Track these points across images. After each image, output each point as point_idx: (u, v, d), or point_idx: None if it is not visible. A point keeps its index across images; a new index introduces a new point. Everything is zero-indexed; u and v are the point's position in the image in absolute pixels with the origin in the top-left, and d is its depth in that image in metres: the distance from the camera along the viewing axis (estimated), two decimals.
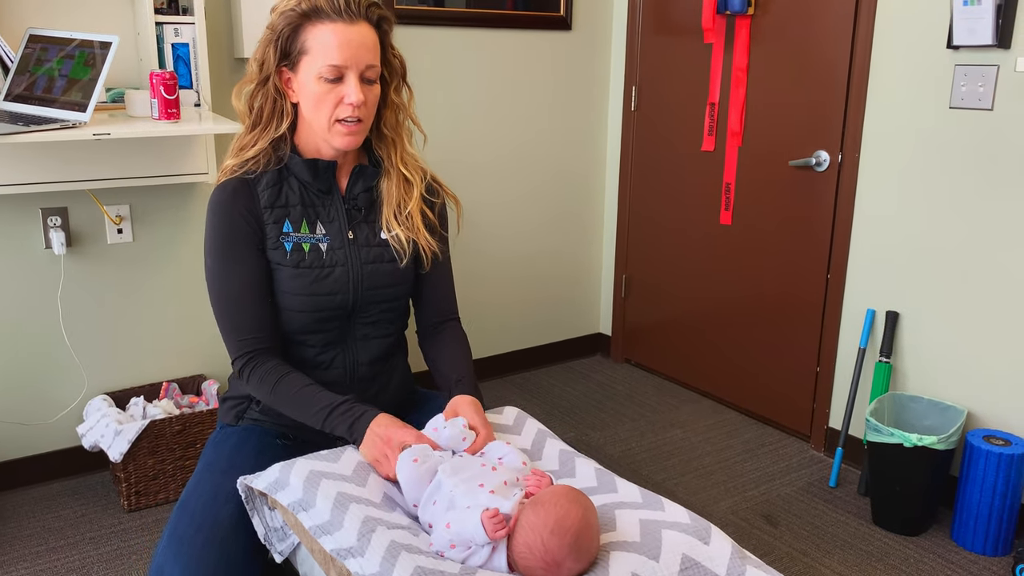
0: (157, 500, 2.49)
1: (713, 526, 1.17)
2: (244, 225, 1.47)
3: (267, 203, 1.48)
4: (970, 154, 2.35)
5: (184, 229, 2.66)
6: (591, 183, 3.58)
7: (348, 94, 1.42)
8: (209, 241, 1.49)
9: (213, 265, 1.49)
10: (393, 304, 1.57)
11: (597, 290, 3.72)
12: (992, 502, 2.25)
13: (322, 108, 1.43)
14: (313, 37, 1.41)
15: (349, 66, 1.41)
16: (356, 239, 1.53)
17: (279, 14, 1.44)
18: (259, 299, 1.48)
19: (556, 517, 1.08)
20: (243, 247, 1.47)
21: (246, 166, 1.50)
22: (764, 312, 3.03)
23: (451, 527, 1.14)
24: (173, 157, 2.43)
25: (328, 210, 1.52)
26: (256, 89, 1.48)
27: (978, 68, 2.29)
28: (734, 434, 3.03)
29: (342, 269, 1.51)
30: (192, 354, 2.77)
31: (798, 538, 2.38)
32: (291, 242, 1.49)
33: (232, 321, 1.48)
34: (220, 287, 1.49)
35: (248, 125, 1.51)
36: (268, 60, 1.45)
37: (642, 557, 1.09)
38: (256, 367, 1.46)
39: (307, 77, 1.43)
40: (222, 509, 1.36)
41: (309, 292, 1.48)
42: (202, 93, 2.43)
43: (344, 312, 1.52)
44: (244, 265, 1.47)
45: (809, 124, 2.77)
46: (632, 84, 3.39)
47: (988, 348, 2.38)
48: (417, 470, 1.24)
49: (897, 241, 2.56)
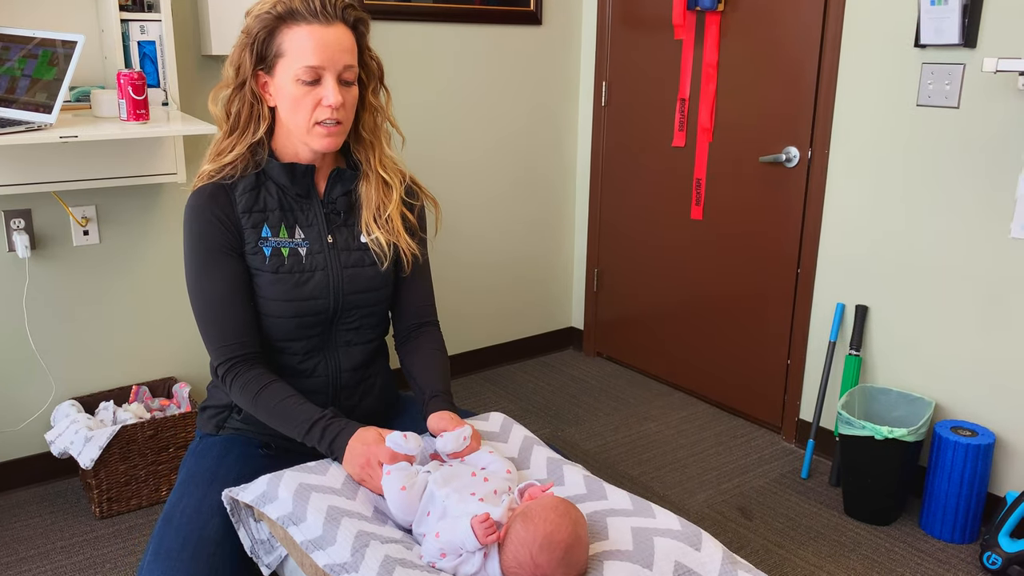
0: (130, 507, 2.45)
1: (704, 532, 1.19)
2: (222, 230, 1.45)
3: (245, 208, 1.46)
4: (937, 151, 2.40)
5: (152, 230, 2.61)
6: (562, 179, 3.58)
7: (326, 96, 1.40)
8: (188, 247, 1.47)
9: (192, 271, 1.47)
10: (374, 309, 1.56)
11: (569, 285, 3.73)
12: (959, 491, 2.31)
13: (300, 111, 1.42)
14: (289, 40, 1.40)
15: (326, 68, 1.40)
16: (336, 243, 1.51)
17: (254, 17, 1.41)
18: (240, 304, 1.46)
19: (545, 532, 1.08)
20: (222, 253, 1.45)
21: (224, 171, 1.47)
22: (735, 306, 3.06)
23: (440, 536, 1.14)
24: (141, 157, 2.38)
25: (307, 214, 1.50)
26: (233, 94, 1.46)
27: (945, 67, 2.33)
28: (707, 427, 3.07)
29: (322, 274, 1.49)
30: (162, 356, 2.72)
31: (772, 530, 2.42)
32: (270, 247, 1.47)
33: (213, 327, 1.45)
34: (200, 293, 1.46)
35: (225, 130, 1.49)
36: (244, 64, 1.43)
37: (635, 566, 1.10)
38: (239, 375, 1.44)
39: (284, 80, 1.41)
40: (208, 523, 1.34)
41: (289, 297, 1.47)
42: (170, 92, 2.38)
43: (325, 317, 1.50)
44: (224, 270, 1.45)
45: (779, 120, 2.80)
46: (602, 80, 3.40)
47: (954, 341, 2.43)
48: (406, 497, 1.23)
49: (866, 236, 2.61)
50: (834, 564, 2.26)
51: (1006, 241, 2.29)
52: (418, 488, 1.24)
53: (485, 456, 1.34)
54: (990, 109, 2.27)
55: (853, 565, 2.25)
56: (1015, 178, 2.24)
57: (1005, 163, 2.25)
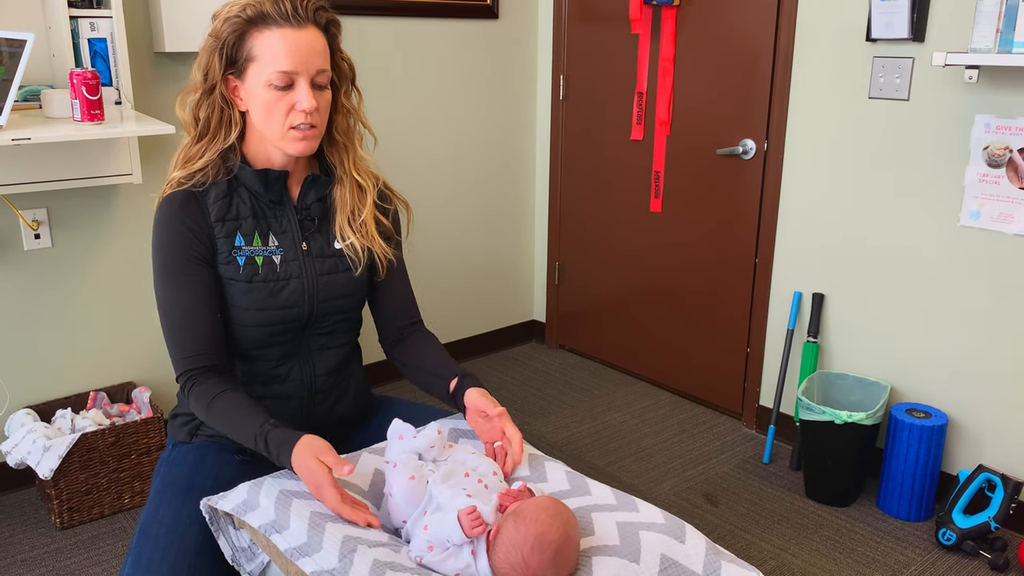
0: (92, 516, 2.40)
1: (687, 524, 1.21)
2: (192, 240, 1.42)
3: (217, 216, 1.43)
4: (888, 142, 2.46)
5: (107, 232, 2.55)
6: (521, 173, 3.59)
7: (300, 100, 1.38)
8: (156, 256, 1.43)
9: (160, 281, 1.43)
10: (348, 314, 1.55)
11: (530, 278, 3.75)
12: (915, 471, 2.39)
13: (273, 116, 1.39)
14: (260, 44, 1.37)
15: (299, 72, 1.37)
16: (310, 250, 1.49)
17: (223, 21, 1.38)
18: (206, 316, 1.43)
19: (536, 533, 1.09)
20: (190, 262, 1.42)
21: (194, 178, 1.44)
22: (695, 296, 3.11)
23: (428, 528, 1.15)
24: (94, 158, 2.32)
25: (280, 221, 1.48)
26: (201, 98, 1.42)
27: (895, 60, 2.40)
28: (669, 415, 3.12)
29: (297, 282, 1.47)
30: (119, 361, 2.66)
31: (738, 515, 2.47)
32: (244, 256, 1.44)
33: (177, 338, 1.42)
34: (167, 304, 1.43)
35: (194, 136, 1.45)
36: (213, 69, 1.39)
37: (623, 560, 1.12)
38: (195, 385, 1.41)
39: (255, 85, 1.39)
40: (187, 532, 1.32)
41: (263, 307, 1.45)
42: (123, 90, 2.32)
43: (299, 324, 1.49)
44: (192, 281, 1.42)
45: (735, 113, 2.84)
46: (560, 73, 3.41)
47: (908, 327, 2.51)
48: (414, 487, 1.23)
49: (821, 226, 2.67)
50: (798, 546, 2.32)
51: (955, 229, 2.37)
52: (424, 480, 1.25)
53: (472, 458, 1.35)
54: (939, 101, 2.34)
55: (816, 546, 2.32)
56: (963, 168, 2.32)
57: (953, 153, 2.33)
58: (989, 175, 2.28)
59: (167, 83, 2.56)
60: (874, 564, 2.24)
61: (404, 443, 1.32)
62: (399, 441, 1.32)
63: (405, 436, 1.33)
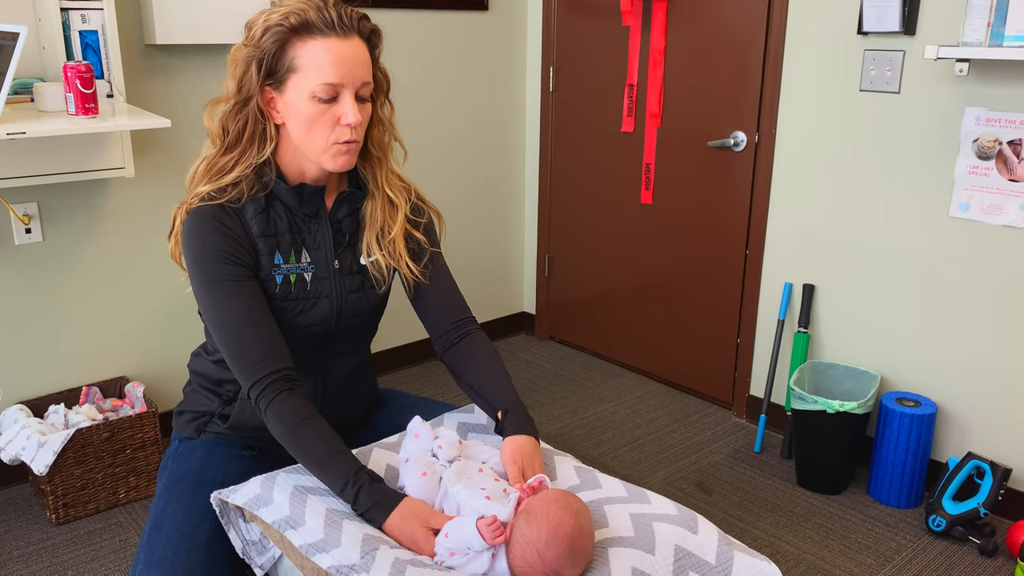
0: (87, 511, 2.39)
1: (699, 515, 1.23)
2: (236, 246, 1.35)
3: (259, 233, 1.37)
4: (879, 135, 2.49)
5: (99, 226, 2.53)
6: (511, 164, 3.59)
7: (346, 114, 1.32)
8: (197, 268, 1.35)
9: (206, 293, 1.34)
10: (369, 327, 1.54)
11: (520, 270, 3.76)
12: (905, 459, 2.43)
13: (316, 130, 1.33)
14: (304, 54, 1.30)
15: (345, 84, 1.31)
16: (341, 267, 1.45)
17: (263, 29, 1.30)
18: (264, 319, 1.35)
19: (549, 528, 1.10)
20: (237, 267, 1.35)
21: (227, 193, 1.37)
22: (685, 287, 3.14)
23: (449, 536, 1.16)
24: (86, 152, 2.29)
25: (314, 236, 1.43)
26: (233, 110, 1.35)
27: (886, 53, 2.43)
28: (661, 406, 3.14)
29: (327, 300, 1.43)
30: (112, 355, 2.65)
31: (731, 504, 2.50)
32: (281, 275, 1.39)
33: (239, 349, 1.33)
34: (219, 316, 1.34)
35: (220, 147, 1.39)
36: (250, 79, 1.32)
37: (639, 551, 1.14)
38: (273, 400, 1.31)
39: (297, 97, 1.32)
40: (198, 527, 1.32)
41: (290, 325, 1.40)
42: (115, 83, 2.30)
43: (321, 339, 1.47)
44: (241, 286, 1.34)
45: (726, 106, 2.86)
46: (550, 65, 3.41)
47: (897, 317, 2.55)
48: (427, 483, 1.24)
49: (812, 218, 2.70)
50: (792, 534, 2.36)
51: (945, 220, 2.40)
52: (436, 476, 1.25)
53: (484, 451, 1.36)
54: (929, 94, 2.37)
55: (809, 534, 2.36)
56: (953, 160, 2.35)
57: (943, 145, 2.36)
58: (979, 167, 2.31)
59: (158, 75, 2.54)
60: (866, 550, 2.28)
61: (420, 442, 1.33)
62: (415, 440, 1.33)
63: (422, 436, 1.33)
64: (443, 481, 1.25)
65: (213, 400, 1.50)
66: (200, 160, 1.42)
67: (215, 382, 1.50)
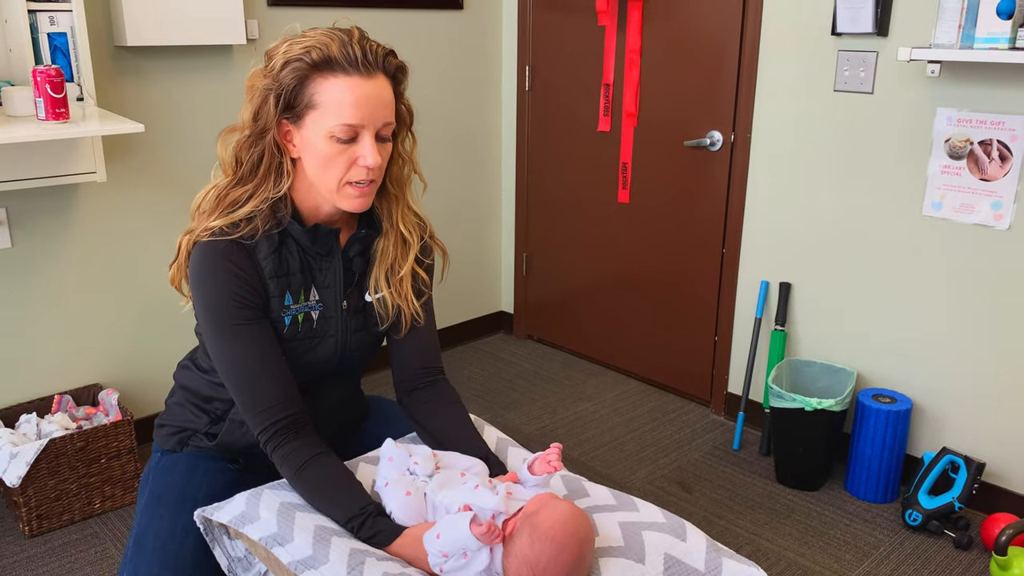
0: (62, 522, 2.35)
1: (687, 522, 1.24)
2: (246, 288, 1.30)
3: (271, 273, 1.32)
4: (852, 134, 2.52)
5: (70, 232, 2.48)
6: (487, 164, 3.58)
7: (364, 156, 1.27)
8: (206, 310, 1.30)
9: (215, 336, 1.30)
10: (366, 360, 1.52)
11: (498, 269, 3.75)
12: (881, 455, 2.47)
13: (331, 170, 1.28)
14: (324, 91, 1.24)
15: (366, 125, 1.26)
16: (348, 307, 1.41)
17: (283, 63, 1.25)
18: (274, 365, 1.31)
19: (551, 554, 1.08)
20: (247, 310, 1.30)
21: (240, 229, 1.30)
22: (663, 286, 3.15)
23: (441, 536, 1.14)
24: (56, 157, 2.25)
25: (325, 274, 1.39)
26: (248, 140, 1.30)
27: (859, 54, 2.45)
28: (640, 404, 3.16)
29: (331, 339, 1.40)
30: (84, 363, 2.60)
31: (711, 502, 2.52)
32: (290, 316, 1.36)
33: (249, 396, 1.30)
34: (229, 361, 1.30)
35: (232, 178, 1.33)
36: (267, 113, 1.27)
37: (629, 561, 1.14)
38: (280, 445, 1.29)
39: (314, 134, 1.26)
40: (183, 544, 1.30)
41: (294, 364, 1.37)
42: (85, 86, 2.26)
43: (320, 373, 1.45)
44: (252, 330, 1.30)
45: (702, 105, 2.88)
46: (525, 64, 3.40)
47: (873, 314, 2.58)
48: (412, 502, 1.23)
49: (788, 216, 2.72)
50: (772, 531, 2.38)
51: (918, 219, 2.43)
52: (420, 493, 1.24)
53: (463, 459, 1.35)
54: (902, 94, 2.40)
55: (789, 530, 2.38)
56: (926, 159, 2.38)
57: (916, 145, 2.39)
58: (951, 167, 2.34)
59: (130, 78, 2.49)
60: (845, 546, 2.31)
61: (395, 464, 1.31)
62: (389, 463, 1.31)
63: (396, 458, 1.32)
64: (427, 495, 1.24)
65: (200, 417, 1.47)
66: (210, 188, 1.36)
67: (204, 399, 1.47)
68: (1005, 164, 2.25)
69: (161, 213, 2.62)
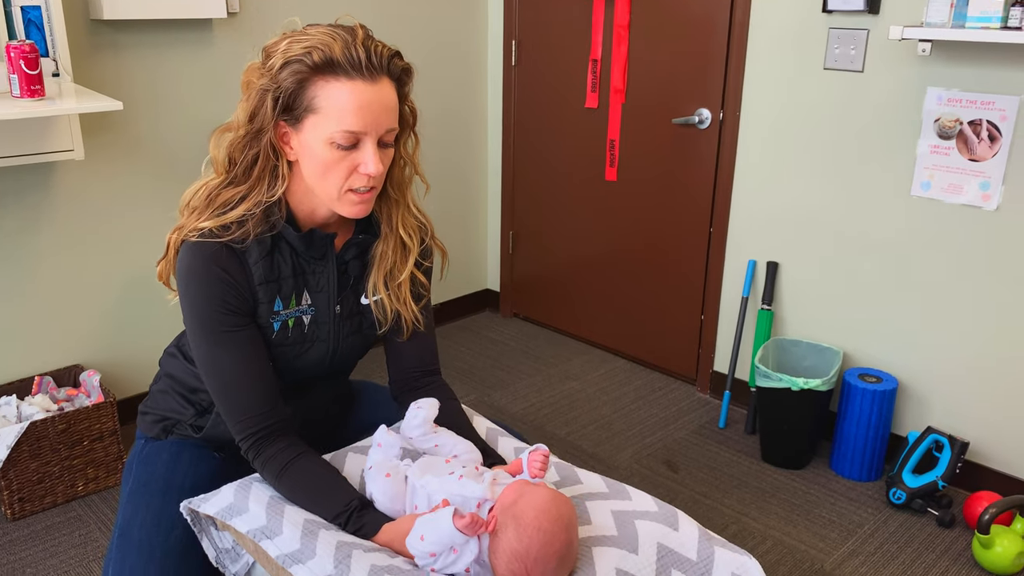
0: (44, 505, 2.32)
1: (679, 511, 1.23)
2: (234, 294, 1.26)
3: (260, 279, 1.28)
4: (841, 113, 2.50)
5: (48, 211, 2.43)
6: (473, 141, 3.54)
7: (365, 163, 1.22)
8: (192, 314, 1.26)
9: (201, 341, 1.27)
10: (356, 361, 1.49)
11: (483, 246, 3.73)
12: (866, 434, 2.48)
13: (331, 176, 1.23)
14: (325, 95, 1.19)
15: (368, 132, 1.21)
16: (341, 312, 1.38)
17: (282, 63, 1.19)
18: (259, 372, 1.28)
19: (540, 543, 1.07)
20: (235, 317, 1.26)
21: (231, 231, 1.25)
22: (650, 264, 3.14)
23: (426, 538, 1.13)
24: (32, 135, 2.19)
25: (318, 278, 1.35)
26: (243, 141, 1.24)
27: (850, 32, 2.43)
28: (626, 382, 3.16)
29: (323, 344, 1.37)
30: (64, 343, 2.56)
31: (698, 481, 2.53)
32: (279, 321, 1.32)
33: (231, 403, 1.27)
34: (213, 366, 1.27)
35: (224, 178, 1.28)
36: (264, 114, 1.21)
37: (622, 551, 1.13)
38: (260, 452, 1.27)
39: (313, 139, 1.21)
40: (169, 535, 1.28)
41: (283, 368, 1.35)
42: (60, 62, 2.20)
43: (309, 377, 1.42)
44: (238, 337, 1.27)
45: (691, 83, 2.84)
46: (512, 39, 3.35)
47: (860, 294, 2.58)
48: (391, 484, 1.21)
49: (776, 195, 2.71)
50: (758, 510, 2.39)
51: (907, 199, 2.43)
52: (401, 476, 1.23)
53: (460, 443, 1.33)
54: (892, 73, 2.38)
55: (774, 509, 2.40)
56: (915, 139, 2.37)
57: (906, 125, 2.38)
58: (940, 146, 2.33)
59: (107, 53, 2.43)
60: (830, 525, 2.33)
61: (383, 450, 1.30)
62: (379, 449, 1.30)
63: (385, 444, 1.30)
64: (409, 478, 1.22)
65: (186, 408, 1.44)
66: (200, 185, 1.31)
67: (189, 389, 1.44)
68: (994, 144, 2.24)
69: (141, 191, 2.57)
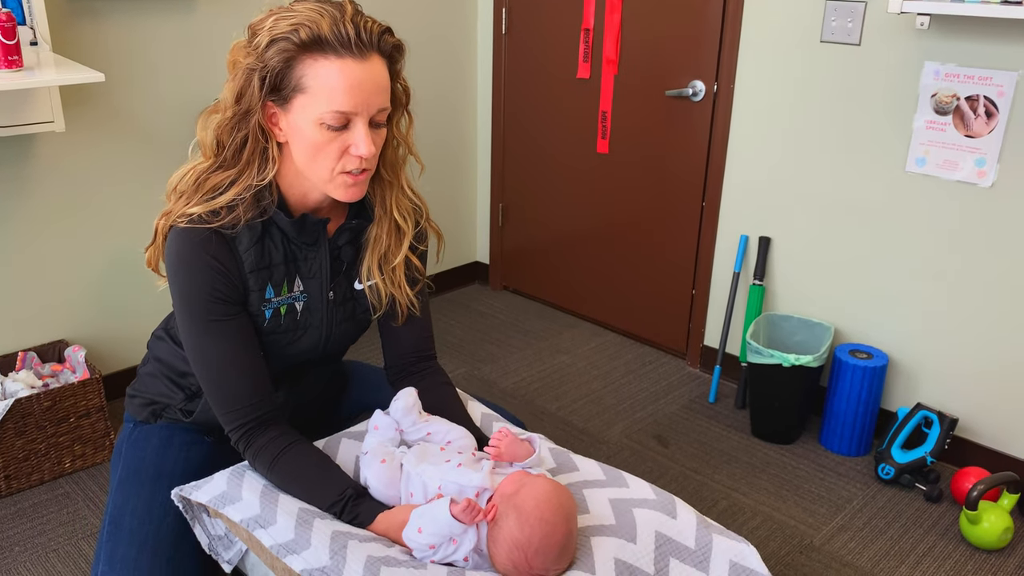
0: (31, 482, 2.30)
1: (676, 499, 1.23)
2: (224, 282, 1.23)
3: (252, 267, 1.25)
4: (838, 87, 2.47)
5: (28, 184, 2.37)
6: (462, 111, 3.48)
7: (357, 144, 1.19)
8: (182, 303, 1.24)
9: (190, 330, 1.25)
10: (349, 346, 1.46)
11: (473, 219, 3.69)
12: (856, 410, 2.49)
13: (321, 158, 1.20)
14: (314, 74, 1.15)
15: (359, 112, 1.18)
16: (335, 298, 1.35)
17: (268, 40, 1.15)
18: (248, 362, 1.26)
19: (542, 534, 1.07)
20: (224, 305, 1.24)
21: (220, 217, 1.22)
22: (641, 238, 3.12)
23: (423, 531, 1.12)
24: (10, 106, 2.13)
25: (310, 264, 1.31)
26: (231, 123, 1.21)
27: (847, 4, 2.39)
28: (616, 356, 3.15)
29: (315, 331, 1.34)
30: (48, 318, 2.52)
31: (688, 456, 2.54)
32: (271, 309, 1.29)
33: (221, 393, 1.26)
34: (202, 355, 1.25)
35: (213, 162, 1.24)
36: (251, 94, 1.17)
37: (620, 540, 1.13)
38: (251, 442, 1.26)
39: (302, 120, 1.18)
40: (161, 522, 1.27)
41: (275, 355, 1.32)
42: (39, 30, 2.13)
43: (302, 363, 1.40)
44: (228, 326, 1.24)
45: (685, 54, 2.80)
46: (502, 6, 3.29)
47: (852, 270, 2.58)
48: (386, 470, 1.20)
49: (769, 169, 2.69)
50: (747, 485, 2.40)
51: (901, 175, 2.41)
52: (396, 462, 1.22)
53: (454, 429, 1.32)
54: (889, 47, 2.35)
55: (764, 484, 2.41)
56: (911, 114, 2.35)
57: (902, 100, 2.36)
58: (936, 122, 2.31)
59: (86, 20, 2.35)
60: (819, 500, 2.34)
61: (379, 434, 1.29)
62: (375, 432, 1.29)
63: (381, 427, 1.29)
64: (404, 466, 1.21)
65: (176, 392, 1.42)
66: (188, 169, 1.26)
67: (179, 373, 1.41)
68: (991, 121, 2.22)
69: (124, 163, 2.52)
